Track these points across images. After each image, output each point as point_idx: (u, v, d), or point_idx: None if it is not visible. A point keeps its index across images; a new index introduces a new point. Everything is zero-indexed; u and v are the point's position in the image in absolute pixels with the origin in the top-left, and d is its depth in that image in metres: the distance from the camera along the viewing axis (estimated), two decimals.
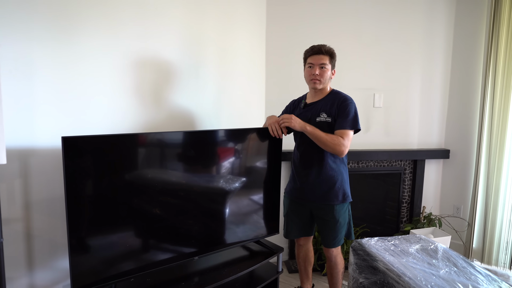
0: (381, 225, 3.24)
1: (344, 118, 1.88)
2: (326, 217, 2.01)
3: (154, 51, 2.03)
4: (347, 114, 1.89)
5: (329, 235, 2.02)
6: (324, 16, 2.86)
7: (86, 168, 1.51)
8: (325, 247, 2.08)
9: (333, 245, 2.03)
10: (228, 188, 2.00)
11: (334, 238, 2.02)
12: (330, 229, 2.01)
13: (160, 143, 1.77)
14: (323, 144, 1.87)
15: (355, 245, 1.75)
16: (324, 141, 1.85)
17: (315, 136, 1.87)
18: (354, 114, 1.91)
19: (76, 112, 1.73)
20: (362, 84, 2.98)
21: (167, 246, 1.83)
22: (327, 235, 2.03)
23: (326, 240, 2.05)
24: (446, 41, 3.06)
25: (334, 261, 2.10)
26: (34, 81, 1.57)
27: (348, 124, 1.88)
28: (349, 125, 1.88)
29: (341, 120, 1.89)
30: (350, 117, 1.89)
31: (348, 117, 1.88)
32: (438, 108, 3.13)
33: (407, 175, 3.14)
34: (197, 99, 2.30)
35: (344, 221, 2.03)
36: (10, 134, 1.52)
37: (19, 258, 1.59)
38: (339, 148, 1.85)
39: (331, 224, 2.00)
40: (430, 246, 1.71)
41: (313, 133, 1.87)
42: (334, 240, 2.02)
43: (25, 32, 1.53)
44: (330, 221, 2.00)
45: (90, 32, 1.74)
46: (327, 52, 1.95)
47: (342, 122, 1.88)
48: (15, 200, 1.56)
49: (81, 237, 1.52)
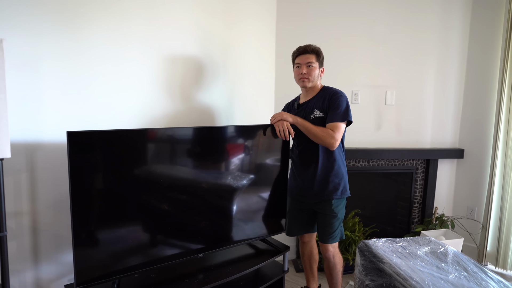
0: (391, 226, 3.18)
1: (335, 111, 1.91)
2: (325, 211, 2.03)
3: (162, 47, 2.02)
4: (337, 107, 1.91)
5: (327, 230, 2.03)
6: (335, 12, 2.81)
7: (90, 163, 1.51)
8: (322, 244, 2.07)
9: (329, 240, 2.03)
10: (235, 185, 1.98)
11: (331, 233, 2.02)
12: (328, 223, 2.02)
13: (167, 138, 1.76)
14: (314, 136, 1.91)
15: (362, 246, 1.71)
16: (314, 133, 1.89)
17: (305, 128, 1.92)
18: (345, 107, 1.92)
19: (83, 107, 1.73)
20: (373, 81, 2.91)
21: (172, 243, 1.82)
22: (324, 229, 2.04)
23: (323, 235, 2.05)
24: (462, 36, 2.96)
25: (333, 262, 2.07)
26: (41, 76, 1.58)
27: (339, 116, 1.90)
28: (339, 117, 1.90)
29: (332, 113, 1.92)
30: (340, 109, 1.91)
31: (338, 109, 1.91)
32: (452, 106, 3.04)
33: (419, 175, 3.07)
34: (207, 96, 2.29)
35: (342, 216, 2.06)
36: (17, 128, 1.53)
37: (26, 251, 1.61)
38: (329, 140, 1.87)
39: (329, 218, 2.02)
40: (439, 249, 1.65)
41: (303, 125, 1.92)
42: (331, 235, 2.02)
43: (32, 26, 1.53)
44: (329, 215, 2.02)
45: (97, 27, 1.74)
46: (313, 51, 1.99)
47: (332, 115, 1.91)
48: (22, 194, 1.57)
49: (86, 232, 1.52)
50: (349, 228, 2.76)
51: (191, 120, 2.21)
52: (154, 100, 2.02)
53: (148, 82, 1.98)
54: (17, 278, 1.59)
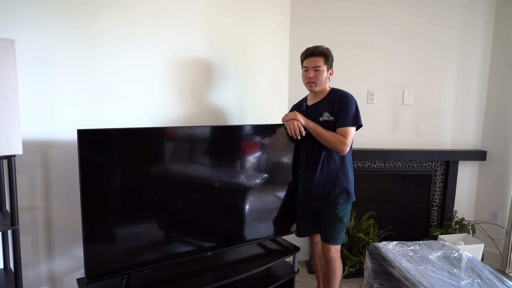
0: (409, 229, 3.09)
1: (345, 115, 1.89)
2: (330, 214, 2.01)
3: (174, 47, 2.05)
4: (348, 111, 1.89)
5: (330, 231, 2.00)
6: (351, 8, 2.76)
7: (101, 160, 1.54)
8: (324, 244, 2.03)
9: (333, 241, 1.99)
10: (246, 184, 1.98)
11: (335, 234, 1.99)
12: (333, 226, 2.00)
13: (177, 137, 1.78)
14: (325, 141, 1.89)
15: (371, 248, 1.67)
16: (326, 138, 1.88)
17: (316, 132, 1.90)
18: (355, 111, 1.91)
19: (94, 106, 1.78)
20: (390, 81, 2.84)
21: (182, 241, 1.84)
22: (328, 231, 2.01)
23: (326, 235, 2.01)
24: (486, 33, 2.84)
25: (333, 265, 2.02)
26: (54, 76, 1.64)
27: (349, 121, 1.88)
28: (350, 122, 1.88)
29: (342, 118, 1.90)
30: (350, 114, 1.89)
31: (348, 114, 1.89)
32: (474, 106, 2.93)
33: (439, 177, 2.97)
34: (219, 96, 2.30)
35: (347, 220, 2.04)
36: (31, 126, 1.59)
37: (40, 245, 1.67)
38: (340, 146, 1.87)
39: (334, 221, 1.99)
40: (453, 254, 1.59)
41: (315, 129, 1.90)
42: (335, 236, 1.99)
43: (46, 27, 1.59)
44: (333, 218, 2.00)
45: (109, 28, 1.78)
46: (321, 53, 1.95)
47: (343, 120, 1.89)
48: (36, 190, 1.63)
49: (96, 228, 1.55)
50: (363, 230, 2.71)
51: (203, 120, 2.22)
52: (165, 99, 2.05)
53: (160, 82, 2.01)
54: (32, 270, 1.65)
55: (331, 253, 2.02)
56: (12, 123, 1.24)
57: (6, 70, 1.24)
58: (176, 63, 2.07)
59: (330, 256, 2.02)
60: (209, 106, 2.27)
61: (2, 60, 1.23)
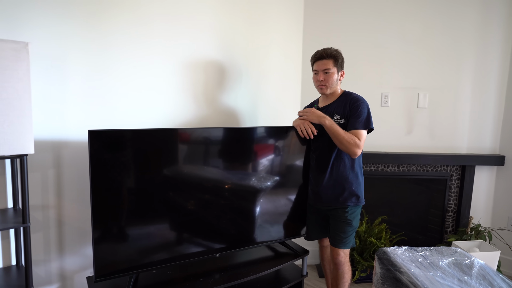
0: (423, 234, 3.02)
1: (357, 118, 1.88)
2: (339, 218, 1.98)
3: (185, 49, 2.07)
4: (360, 114, 1.88)
5: (339, 235, 1.97)
6: (365, 9, 2.72)
7: (110, 161, 1.57)
8: (333, 248, 2.00)
9: (342, 244, 1.97)
10: (257, 186, 1.98)
11: (344, 238, 1.97)
12: (342, 229, 1.97)
13: (189, 138, 1.79)
14: (339, 141, 1.86)
15: (380, 253, 1.64)
16: (341, 139, 1.84)
17: (333, 131, 1.86)
18: (366, 114, 1.90)
19: (107, 108, 1.82)
20: (405, 83, 2.79)
21: (192, 242, 1.85)
22: (337, 234, 1.98)
23: (335, 239, 1.99)
24: (505, 34, 2.75)
25: (341, 270, 1.99)
26: (67, 77, 1.68)
27: (361, 124, 1.87)
28: (361, 125, 1.87)
29: (353, 121, 1.89)
30: (362, 117, 1.88)
31: (360, 117, 1.87)
32: (492, 110, 2.84)
33: (454, 182, 2.89)
34: (231, 98, 2.31)
35: (356, 224, 2.01)
36: (44, 127, 1.63)
37: (51, 243, 1.71)
38: (354, 148, 1.85)
39: (343, 225, 1.97)
40: (465, 261, 1.54)
41: (331, 127, 1.86)
42: (344, 240, 1.97)
43: (60, 30, 1.63)
44: (343, 222, 1.97)
45: (121, 29, 1.82)
46: (330, 55, 1.93)
47: (354, 123, 1.88)
48: (48, 189, 1.67)
49: (105, 228, 1.58)
50: (375, 235, 2.66)
51: (215, 121, 2.24)
52: (178, 101, 2.07)
53: (172, 83, 2.03)
54: (43, 267, 1.69)
55: (340, 257, 1.99)
56: (24, 123, 1.28)
57: (19, 72, 1.28)
58: (188, 65, 2.09)
59: (339, 260, 2.00)
60: (221, 108, 2.28)
61: (16, 62, 1.27)
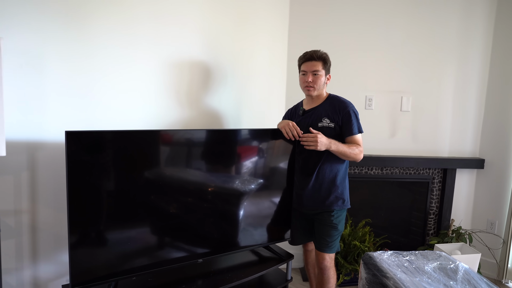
0: (405, 237, 3.05)
1: (351, 124, 1.90)
2: (324, 222, 1.96)
3: (169, 48, 2.01)
4: (354, 119, 1.91)
5: (325, 239, 1.95)
6: (350, 14, 2.73)
7: (88, 163, 1.49)
8: (318, 252, 1.98)
9: (327, 249, 1.95)
10: (241, 189, 1.94)
11: (330, 242, 1.95)
12: (328, 234, 1.95)
13: (171, 140, 1.74)
14: (346, 156, 1.90)
15: (366, 258, 1.63)
16: (348, 154, 1.88)
17: (339, 152, 1.88)
18: (358, 119, 1.94)
19: (86, 108, 1.74)
20: (389, 87, 2.81)
21: (173, 246, 1.79)
22: (323, 239, 1.96)
23: (320, 243, 1.97)
24: (485, 40, 2.81)
25: (327, 274, 1.97)
26: (44, 75, 1.59)
27: (357, 129, 1.91)
28: (357, 130, 1.91)
29: (349, 126, 1.91)
30: (356, 122, 1.92)
31: (355, 122, 1.91)
32: (473, 114, 2.89)
33: (436, 185, 2.93)
34: (215, 100, 2.26)
35: (342, 228, 2.00)
36: (18, 127, 1.54)
37: (24, 250, 1.62)
38: (359, 156, 1.90)
39: (329, 229, 1.95)
40: (449, 265, 1.55)
41: (337, 150, 1.87)
42: (329, 244, 1.95)
43: (36, 25, 1.55)
44: (328, 226, 1.95)
45: (102, 27, 1.74)
46: (320, 58, 1.93)
47: (351, 129, 1.90)
48: (22, 193, 1.58)
49: (82, 233, 1.51)
50: (359, 238, 2.66)
51: (199, 123, 2.18)
52: (160, 102, 2.00)
53: (155, 84, 1.97)
54: (15, 276, 1.60)
55: (326, 262, 1.97)
56: None
57: None
58: (172, 66, 2.03)
59: (324, 265, 1.98)
60: (205, 109, 2.22)
61: None
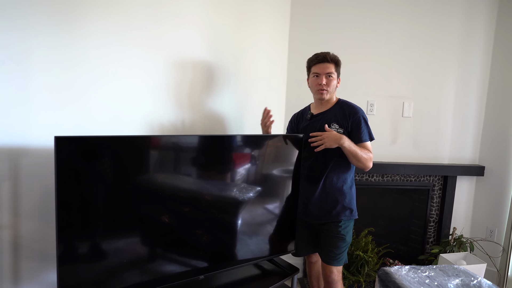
0: (405, 245, 2.98)
1: (362, 130, 1.82)
2: (331, 233, 1.87)
3: (169, 47, 1.86)
4: (364, 126, 1.83)
5: (332, 251, 1.85)
6: (351, 18, 2.65)
7: (80, 171, 1.33)
8: (325, 265, 1.88)
9: (335, 261, 1.85)
10: (244, 199, 1.80)
11: (338, 255, 1.85)
12: (335, 245, 1.85)
13: (167, 146, 1.59)
14: (357, 159, 1.78)
15: (383, 274, 1.52)
16: (360, 157, 1.77)
17: (351, 151, 1.76)
18: (368, 125, 1.86)
19: (78, 110, 1.56)
20: (390, 92, 2.74)
21: (170, 262, 1.64)
22: (330, 251, 1.86)
23: (328, 255, 1.87)
24: (486, 46, 2.79)
25: None
26: (31, 73, 1.42)
27: (368, 136, 1.84)
28: (368, 137, 1.84)
29: (360, 133, 1.82)
30: (367, 129, 1.85)
31: (366, 129, 1.83)
32: (473, 121, 2.86)
33: (436, 192, 2.87)
34: (217, 102, 2.12)
35: (350, 239, 1.90)
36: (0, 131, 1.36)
37: (4, 270, 1.43)
38: (369, 163, 1.81)
39: (336, 240, 1.85)
40: (472, 282, 1.46)
41: (349, 148, 1.76)
42: (337, 257, 1.85)
43: (21, 18, 1.37)
44: (335, 237, 1.86)
45: (97, 21, 1.58)
46: (333, 60, 1.85)
47: (362, 135, 1.82)
48: (2, 205, 1.40)
49: (72, 249, 1.34)
50: (361, 247, 2.56)
51: (199, 128, 2.04)
52: (158, 104, 1.85)
53: (153, 85, 1.81)
54: None
55: (333, 275, 1.86)
56: None
57: None
58: (172, 65, 1.88)
59: (332, 279, 1.86)
60: (205, 112, 2.08)
61: None
